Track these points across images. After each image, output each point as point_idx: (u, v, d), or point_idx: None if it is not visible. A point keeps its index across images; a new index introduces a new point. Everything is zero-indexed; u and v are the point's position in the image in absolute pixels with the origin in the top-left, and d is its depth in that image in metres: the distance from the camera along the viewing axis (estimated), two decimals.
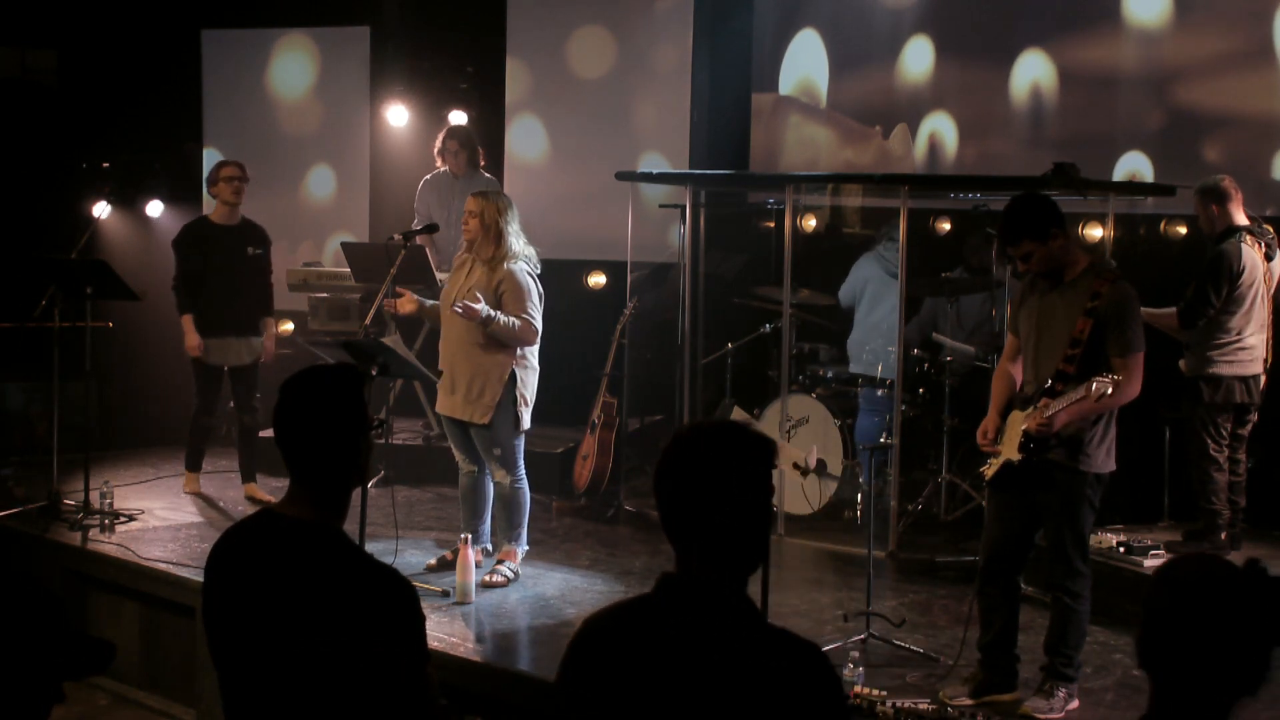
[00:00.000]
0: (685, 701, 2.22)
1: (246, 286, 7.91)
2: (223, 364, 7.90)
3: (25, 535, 7.27)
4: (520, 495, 6.44)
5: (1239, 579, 2.22)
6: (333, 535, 2.84)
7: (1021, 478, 4.97)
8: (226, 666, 2.86)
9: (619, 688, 2.30)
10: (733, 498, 2.30)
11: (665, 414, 8.89)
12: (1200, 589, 2.22)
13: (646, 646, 2.29)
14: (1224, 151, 7.97)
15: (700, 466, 2.31)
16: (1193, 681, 2.21)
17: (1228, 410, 6.46)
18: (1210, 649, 2.19)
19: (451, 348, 6.31)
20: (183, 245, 7.88)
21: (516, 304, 6.18)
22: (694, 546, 2.32)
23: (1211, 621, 2.19)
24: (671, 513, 2.34)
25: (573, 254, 9.46)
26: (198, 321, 7.74)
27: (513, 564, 6.47)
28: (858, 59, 9.29)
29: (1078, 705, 5.03)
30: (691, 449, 2.34)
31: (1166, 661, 2.23)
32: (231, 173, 7.84)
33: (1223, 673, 2.20)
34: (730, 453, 2.32)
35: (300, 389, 2.89)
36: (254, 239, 7.98)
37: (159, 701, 6.56)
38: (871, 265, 8.21)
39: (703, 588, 2.30)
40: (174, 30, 10.11)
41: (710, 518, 2.30)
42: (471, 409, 6.25)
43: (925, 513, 7.63)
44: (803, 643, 2.31)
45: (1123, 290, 4.91)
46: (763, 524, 2.35)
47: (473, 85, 9.94)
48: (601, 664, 2.34)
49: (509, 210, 6.29)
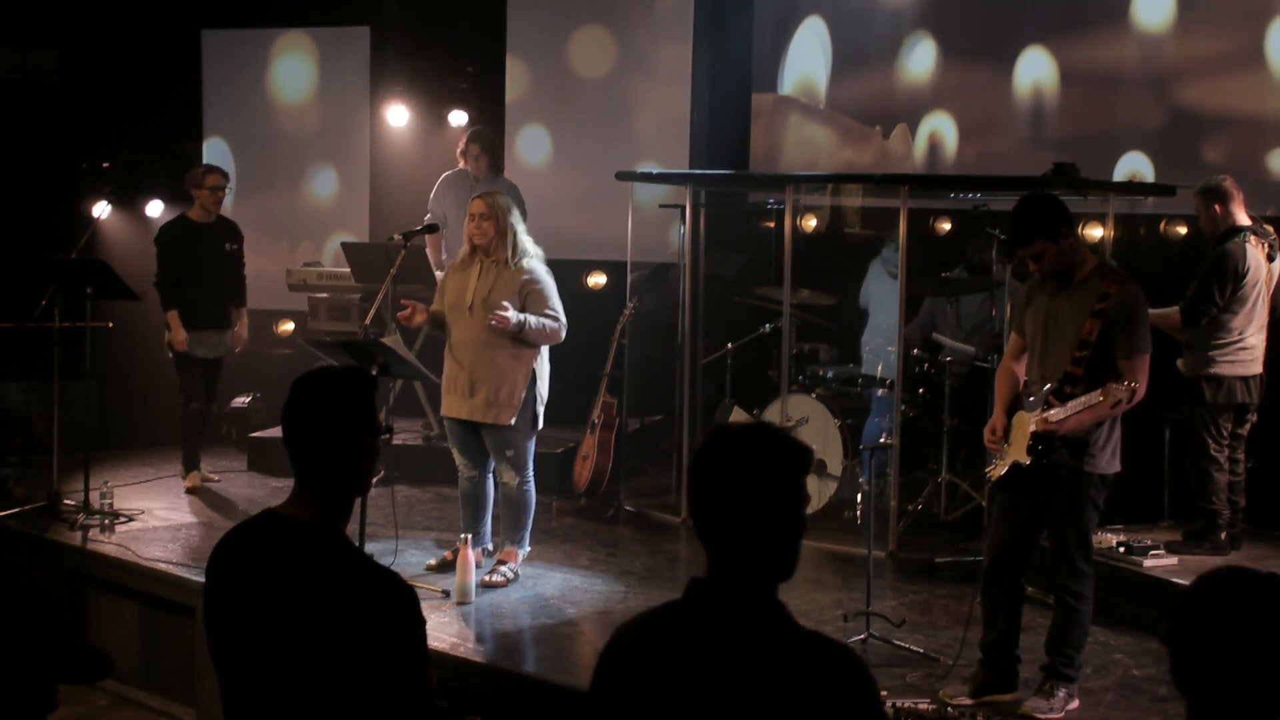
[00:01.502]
0: (721, 707, 2.20)
1: (225, 281, 8.18)
2: (203, 356, 8.09)
3: (25, 535, 7.27)
4: (527, 497, 6.43)
5: (1270, 593, 2.16)
6: (335, 537, 2.84)
7: (1027, 479, 4.97)
8: (227, 668, 2.86)
9: (653, 696, 2.27)
10: (766, 501, 2.27)
11: (665, 414, 8.89)
12: (1233, 603, 2.16)
13: (680, 653, 2.27)
14: (1224, 151, 7.97)
15: (734, 469, 2.28)
16: (1229, 701, 2.15)
17: (1229, 410, 6.46)
18: (1245, 667, 2.13)
19: (470, 351, 6.24)
20: (165, 244, 8.07)
21: (543, 302, 6.19)
22: (727, 551, 2.29)
23: (1245, 638, 2.13)
24: (705, 516, 2.31)
25: (573, 254, 9.45)
26: (181, 316, 7.93)
27: (513, 565, 6.47)
28: (858, 58, 9.29)
29: (1078, 705, 5.03)
30: (727, 452, 2.31)
31: (1201, 681, 2.17)
32: (217, 182, 8.12)
33: (1259, 690, 2.13)
34: (766, 457, 2.29)
35: (309, 389, 2.88)
36: (230, 235, 8.24)
37: (159, 701, 6.56)
38: (876, 270, 8.26)
39: (735, 593, 2.28)
40: (174, 30, 10.12)
41: (745, 523, 2.27)
42: (497, 411, 6.22)
43: (925, 513, 7.62)
44: (837, 646, 2.30)
45: (1131, 291, 4.91)
46: (797, 530, 2.32)
47: (473, 85, 9.94)
48: (635, 672, 2.32)
49: (514, 209, 6.30)
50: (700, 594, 2.32)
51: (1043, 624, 5.29)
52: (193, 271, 8.00)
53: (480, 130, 8.74)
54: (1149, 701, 5.17)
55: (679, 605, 2.34)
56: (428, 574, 6.46)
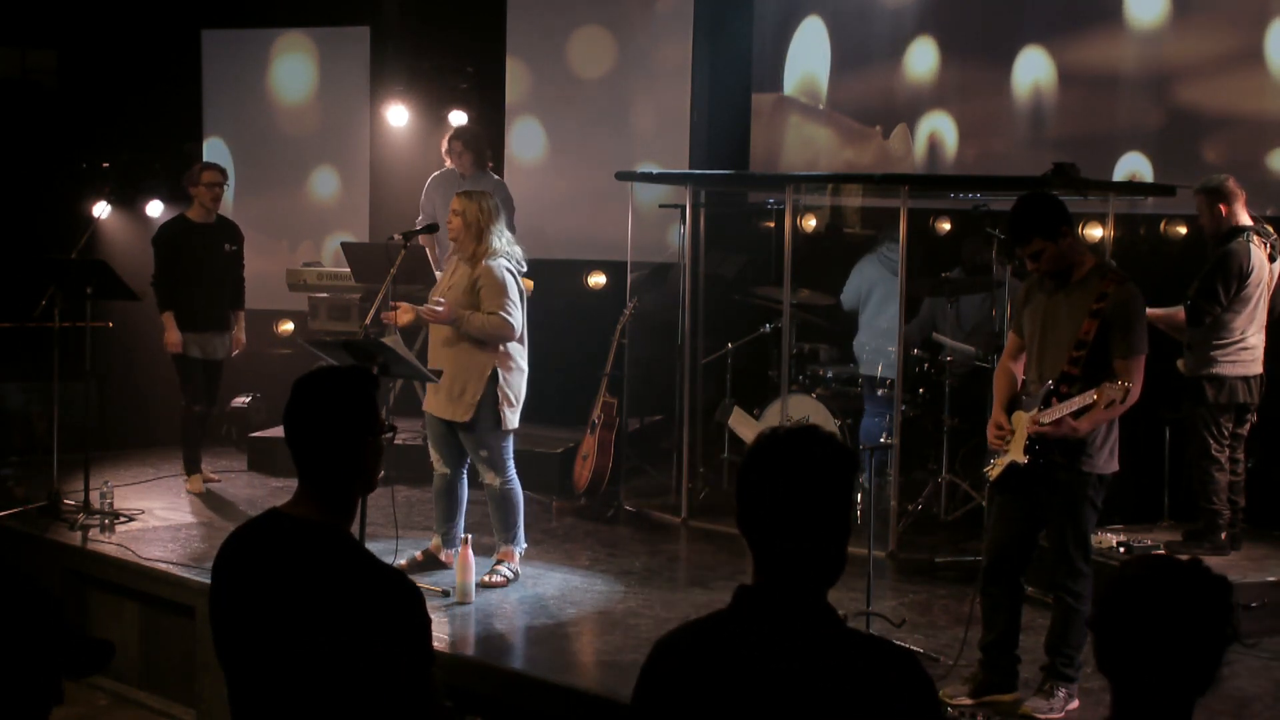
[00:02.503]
0: (781, 716, 2.16)
1: (224, 282, 8.15)
2: (201, 357, 8.06)
3: (25, 535, 7.27)
4: (513, 495, 6.43)
5: (1187, 578, 2.22)
6: (339, 536, 2.84)
7: (1025, 478, 4.97)
8: (232, 667, 2.86)
9: (707, 708, 2.22)
10: (819, 508, 2.25)
11: (665, 414, 8.89)
12: (1149, 590, 2.22)
13: (734, 662, 2.22)
14: (1224, 151, 7.97)
15: (788, 476, 2.26)
16: (1150, 683, 2.22)
17: (1230, 410, 6.46)
18: (1163, 650, 2.19)
19: (436, 347, 6.34)
20: (163, 243, 8.05)
21: (493, 300, 6.18)
22: (777, 557, 2.26)
23: (1162, 621, 2.19)
24: (754, 522, 2.28)
25: (573, 254, 9.47)
26: (178, 317, 7.91)
27: (511, 564, 6.47)
28: (858, 58, 9.29)
29: (1078, 705, 5.03)
30: (777, 457, 2.28)
31: (1123, 664, 2.24)
32: (213, 178, 8.06)
33: (1178, 673, 2.20)
34: (817, 461, 2.26)
35: (311, 389, 2.88)
36: (230, 236, 8.20)
37: (159, 701, 6.56)
38: (875, 267, 8.22)
39: (786, 599, 2.25)
40: (174, 30, 10.12)
41: (796, 528, 2.24)
42: (454, 407, 6.25)
43: (925, 513, 7.62)
44: (894, 648, 2.28)
45: (1129, 292, 4.91)
46: (845, 534, 2.29)
47: (473, 85, 9.94)
48: (685, 685, 2.26)
49: (495, 211, 6.31)
50: (750, 601, 2.28)
51: (1043, 624, 5.29)
52: (190, 272, 7.97)
53: (463, 127, 8.73)
54: None
55: (727, 614, 2.29)
56: (427, 574, 6.45)
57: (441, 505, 6.56)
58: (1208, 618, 2.20)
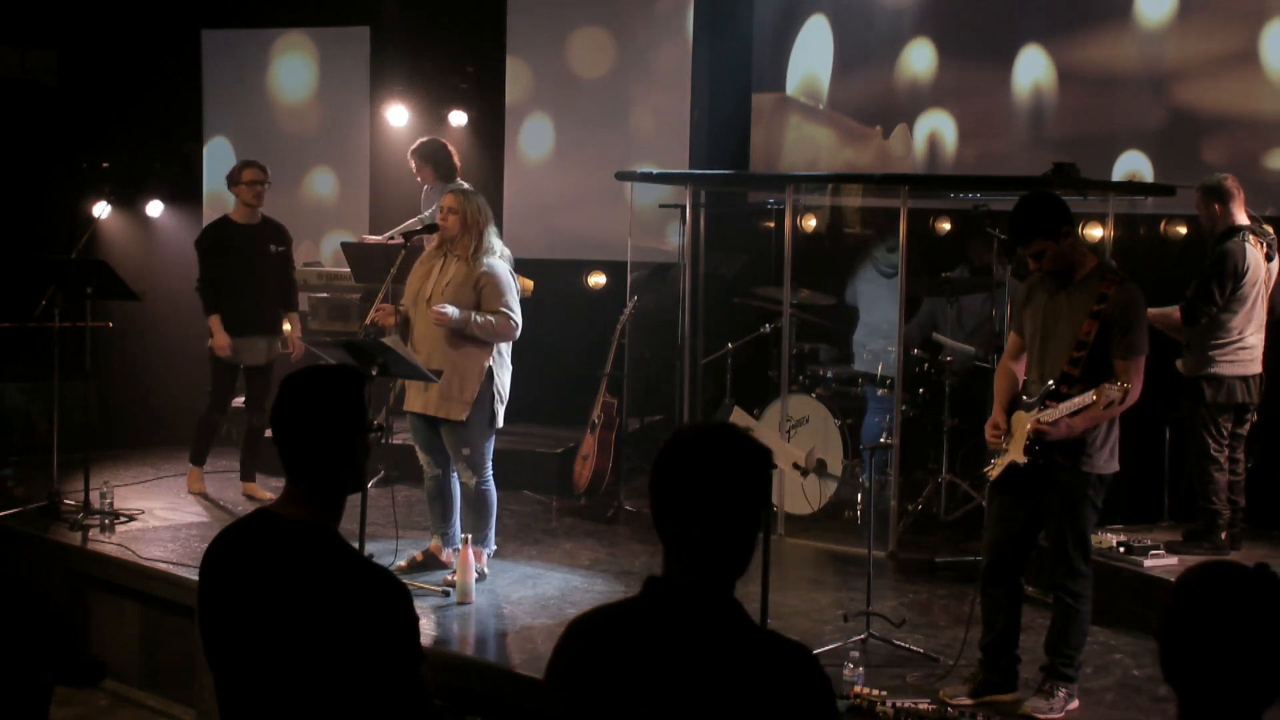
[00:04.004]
0: (674, 704, 2.21)
1: (270, 284, 7.88)
2: (243, 363, 7.88)
3: (25, 535, 7.27)
4: (488, 497, 6.42)
5: (1254, 584, 2.17)
6: (327, 536, 2.83)
7: (1025, 479, 4.97)
8: (221, 666, 2.86)
9: (606, 690, 2.29)
10: (726, 502, 2.29)
11: (665, 414, 8.89)
12: (1215, 597, 2.17)
13: (633, 649, 2.28)
14: (1223, 151, 7.97)
15: (695, 469, 2.30)
16: (1218, 692, 2.16)
17: (1229, 410, 6.46)
18: (1232, 658, 2.14)
19: (426, 344, 6.25)
20: (206, 246, 7.86)
21: (496, 298, 6.19)
22: (684, 549, 2.31)
23: (1231, 629, 2.14)
24: (664, 514, 2.33)
25: (573, 254, 9.46)
26: (224, 321, 7.72)
27: (479, 565, 6.43)
28: (858, 58, 9.29)
29: (1078, 705, 5.03)
30: (688, 451, 2.33)
31: (1190, 674, 2.18)
32: (254, 176, 7.81)
33: (1247, 681, 2.14)
34: (726, 457, 2.31)
35: (299, 387, 2.88)
36: (276, 237, 7.94)
37: (159, 701, 6.56)
38: (864, 264, 8.28)
39: (690, 591, 2.30)
40: (174, 30, 10.12)
41: (702, 521, 2.29)
42: (450, 405, 6.23)
43: (925, 513, 7.63)
44: (792, 644, 2.31)
45: (1129, 292, 4.91)
46: (754, 530, 2.34)
47: (473, 85, 9.95)
48: (588, 666, 2.34)
49: (487, 212, 6.33)
50: (658, 592, 2.34)
51: (1043, 624, 5.29)
52: (235, 274, 7.72)
53: (421, 142, 8.26)
54: (1149, 701, 5.17)
55: (636, 602, 2.36)
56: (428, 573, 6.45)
57: (437, 507, 6.55)
58: (1277, 624, 2.14)
